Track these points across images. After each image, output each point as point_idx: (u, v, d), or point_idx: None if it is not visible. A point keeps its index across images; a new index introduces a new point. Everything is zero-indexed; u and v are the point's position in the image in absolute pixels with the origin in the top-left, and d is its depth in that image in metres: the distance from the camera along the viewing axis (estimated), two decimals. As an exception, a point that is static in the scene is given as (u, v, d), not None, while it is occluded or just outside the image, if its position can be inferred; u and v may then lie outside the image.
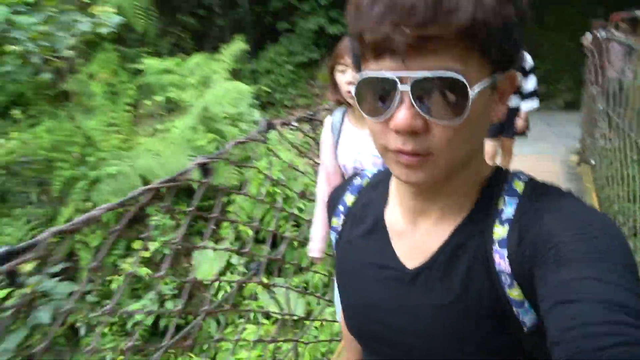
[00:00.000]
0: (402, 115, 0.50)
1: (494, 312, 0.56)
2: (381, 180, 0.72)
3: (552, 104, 9.02)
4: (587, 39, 4.98)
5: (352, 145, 1.84)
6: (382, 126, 0.53)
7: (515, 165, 3.85)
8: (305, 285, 3.94)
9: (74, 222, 1.20)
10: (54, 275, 3.94)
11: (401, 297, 0.64)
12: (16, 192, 4.36)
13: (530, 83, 3.76)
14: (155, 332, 4.09)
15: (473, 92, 0.50)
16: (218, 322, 3.97)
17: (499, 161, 4.06)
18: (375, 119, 0.53)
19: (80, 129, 4.68)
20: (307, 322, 3.01)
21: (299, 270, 3.56)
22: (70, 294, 3.62)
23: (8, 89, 8.63)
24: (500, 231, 0.56)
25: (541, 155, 5.77)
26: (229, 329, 3.91)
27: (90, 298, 4.18)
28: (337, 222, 0.76)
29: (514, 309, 0.55)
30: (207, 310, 2.00)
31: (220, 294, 3.84)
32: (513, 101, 3.76)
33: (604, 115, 4.01)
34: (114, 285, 4.10)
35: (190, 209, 1.70)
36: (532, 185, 0.59)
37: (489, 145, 3.84)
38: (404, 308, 0.64)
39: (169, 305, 4.10)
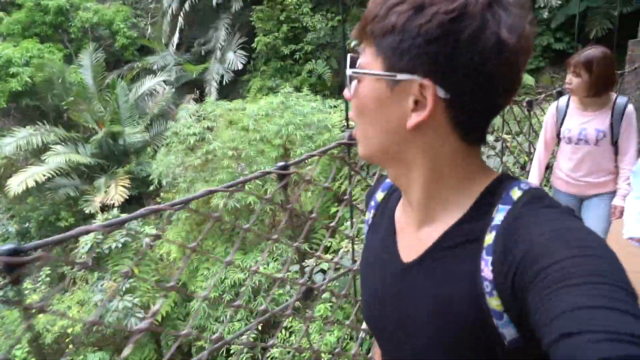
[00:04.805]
0: None
1: (474, 319, 0.56)
2: None
3: None
4: None
5: (578, 121, 2.54)
6: None
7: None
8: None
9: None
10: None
11: (395, 290, 0.67)
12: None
13: None
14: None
15: (354, 68, 0.61)
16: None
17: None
18: None
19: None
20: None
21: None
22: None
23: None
24: (488, 238, 0.57)
25: None
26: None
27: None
28: (369, 215, 0.82)
29: (494, 320, 0.55)
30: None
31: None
32: None
33: None
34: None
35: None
36: (530, 194, 0.57)
37: None
38: (396, 301, 0.67)
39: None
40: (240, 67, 13.32)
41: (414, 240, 0.67)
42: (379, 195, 0.81)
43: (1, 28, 12.62)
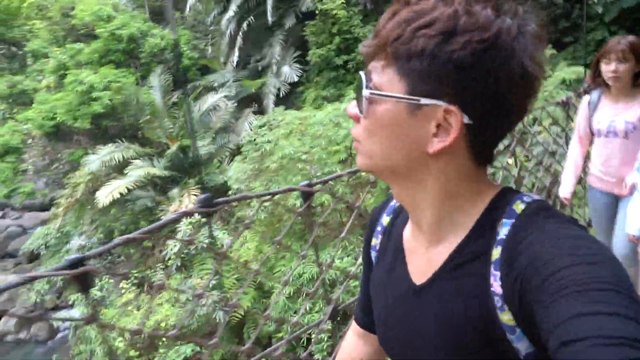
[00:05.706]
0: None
1: (488, 336, 0.57)
2: None
3: None
4: None
5: (608, 114, 2.49)
6: None
7: None
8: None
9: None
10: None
11: (408, 312, 0.68)
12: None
13: None
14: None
15: (369, 90, 0.59)
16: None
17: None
18: None
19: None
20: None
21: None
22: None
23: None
24: (495, 253, 0.57)
25: None
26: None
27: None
28: (376, 241, 0.81)
29: (507, 335, 0.56)
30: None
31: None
32: None
33: None
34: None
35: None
36: (533, 206, 0.59)
37: None
38: (409, 323, 0.67)
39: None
40: (295, 79, 14.04)
41: (423, 261, 0.67)
42: (385, 220, 0.80)
43: (83, 57, 13.97)
